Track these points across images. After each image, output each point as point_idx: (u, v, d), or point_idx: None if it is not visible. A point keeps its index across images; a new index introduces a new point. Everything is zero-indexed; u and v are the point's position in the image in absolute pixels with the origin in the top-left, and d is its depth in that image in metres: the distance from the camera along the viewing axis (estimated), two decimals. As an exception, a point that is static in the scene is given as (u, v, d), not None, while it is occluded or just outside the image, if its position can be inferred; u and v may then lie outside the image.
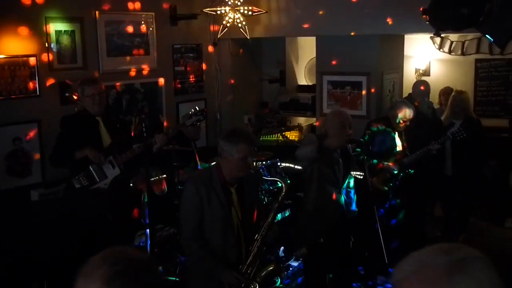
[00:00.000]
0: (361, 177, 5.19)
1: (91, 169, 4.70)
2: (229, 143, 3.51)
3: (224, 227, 3.57)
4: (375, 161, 5.54)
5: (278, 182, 5.77)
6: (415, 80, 7.63)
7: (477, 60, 7.81)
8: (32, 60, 5.38)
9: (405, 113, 5.61)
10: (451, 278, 1.24)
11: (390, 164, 5.64)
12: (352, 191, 4.80)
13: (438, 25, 4.46)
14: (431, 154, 5.65)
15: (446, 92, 6.98)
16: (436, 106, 6.99)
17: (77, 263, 1.53)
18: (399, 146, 5.73)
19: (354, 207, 4.78)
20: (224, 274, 3.48)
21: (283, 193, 3.83)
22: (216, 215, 3.54)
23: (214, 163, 3.86)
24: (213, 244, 3.57)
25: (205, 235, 3.57)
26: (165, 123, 6.76)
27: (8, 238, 4.73)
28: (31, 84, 5.38)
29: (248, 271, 3.57)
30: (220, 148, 3.56)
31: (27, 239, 4.83)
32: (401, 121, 5.63)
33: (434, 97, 6.88)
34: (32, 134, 5.43)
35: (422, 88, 6.45)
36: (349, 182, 4.77)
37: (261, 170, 5.79)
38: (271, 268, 3.67)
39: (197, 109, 4.86)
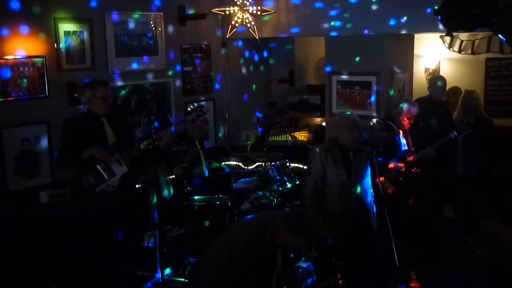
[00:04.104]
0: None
1: (99, 168, 4.71)
2: (292, 233, 3.53)
3: None
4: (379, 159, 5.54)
5: (287, 183, 5.76)
6: (425, 79, 7.56)
7: (487, 59, 7.72)
8: (41, 61, 5.38)
9: (408, 111, 5.72)
10: None
11: (399, 164, 5.63)
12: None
13: (450, 25, 4.40)
14: (450, 142, 5.66)
15: (454, 91, 6.90)
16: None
17: (86, 264, 1.51)
18: (404, 145, 5.74)
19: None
20: None
21: None
22: None
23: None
24: None
25: None
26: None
27: (19, 239, 4.72)
28: (39, 85, 5.38)
29: None
30: (282, 228, 3.57)
31: (37, 240, 4.82)
32: (405, 119, 5.73)
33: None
34: (41, 135, 5.43)
35: (439, 84, 6.38)
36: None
37: (270, 171, 5.78)
38: None
39: (196, 105, 5.31)
